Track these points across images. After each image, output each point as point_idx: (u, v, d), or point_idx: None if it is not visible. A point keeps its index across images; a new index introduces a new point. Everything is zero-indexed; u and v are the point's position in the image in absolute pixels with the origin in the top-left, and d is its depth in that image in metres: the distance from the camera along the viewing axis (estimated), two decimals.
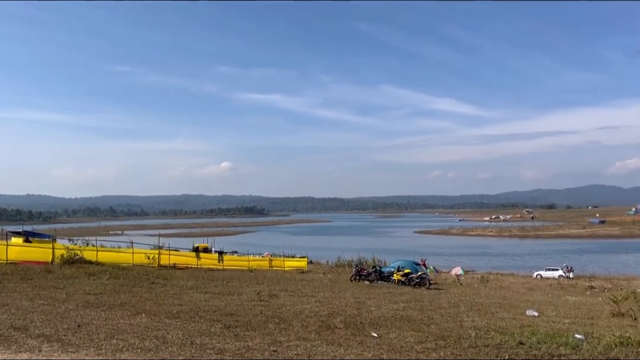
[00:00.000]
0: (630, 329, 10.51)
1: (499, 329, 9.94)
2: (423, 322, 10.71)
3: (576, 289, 29.60)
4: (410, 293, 19.30)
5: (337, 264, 42.75)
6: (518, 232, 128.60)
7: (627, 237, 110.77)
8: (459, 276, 38.46)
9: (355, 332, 9.00)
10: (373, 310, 12.56)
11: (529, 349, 8.09)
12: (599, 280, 39.15)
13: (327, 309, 12.25)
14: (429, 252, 77.02)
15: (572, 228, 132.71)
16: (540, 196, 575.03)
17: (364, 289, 20.43)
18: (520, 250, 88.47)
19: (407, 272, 24.97)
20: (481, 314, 12.97)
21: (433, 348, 7.88)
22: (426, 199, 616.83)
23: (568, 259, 63.60)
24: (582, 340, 8.88)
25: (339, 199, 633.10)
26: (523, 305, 16.19)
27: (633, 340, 8.60)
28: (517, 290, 27.10)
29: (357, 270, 26.41)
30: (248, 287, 16.98)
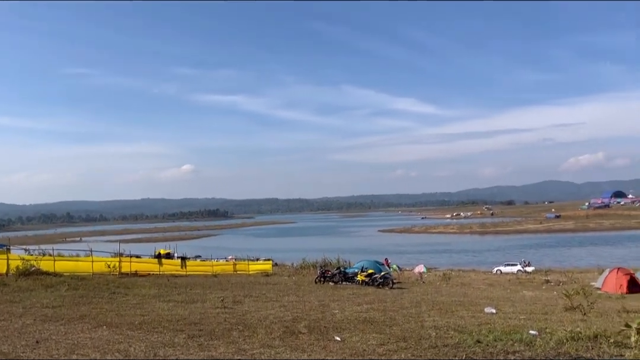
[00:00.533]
0: (581, 323, 11.01)
1: (458, 328, 10.24)
2: (385, 324, 10.92)
3: (533, 284, 30.61)
4: (374, 294, 19.58)
5: (301, 266, 42.83)
6: (478, 229, 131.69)
7: (581, 230, 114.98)
8: (421, 274, 39.17)
9: (319, 336, 9.12)
10: (337, 313, 12.72)
11: (486, 347, 8.39)
12: (555, 274, 40.55)
13: (291, 313, 12.34)
14: (392, 250, 78.08)
15: (529, 223, 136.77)
16: (499, 193, 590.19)
17: (329, 290, 20.61)
18: (480, 246, 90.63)
19: (370, 273, 25.29)
20: (442, 313, 13.31)
21: (394, 350, 8.08)
22: (389, 198, 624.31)
23: (526, 254, 65.55)
24: (535, 336, 9.26)
25: (303, 200, 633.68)
26: (482, 302, 16.68)
27: (583, 334, 9.01)
28: (478, 286, 27.84)
29: (321, 272, 26.59)
30: (212, 294, 16.89)
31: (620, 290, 22.33)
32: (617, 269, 25.01)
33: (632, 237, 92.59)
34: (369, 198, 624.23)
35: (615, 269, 25.14)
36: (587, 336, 8.98)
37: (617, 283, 23.11)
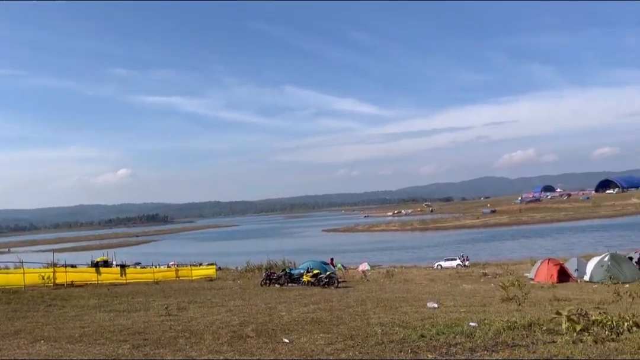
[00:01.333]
0: (517, 313, 11.59)
1: (403, 324, 10.54)
2: (332, 323, 11.07)
3: (472, 277, 31.77)
4: (320, 294, 19.75)
5: (246, 269, 42.49)
6: (419, 225, 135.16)
7: (515, 224, 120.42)
8: (365, 272, 39.76)
9: (267, 339, 9.13)
10: (284, 315, 12.75)
11: (429, 341, 8.69)
12: (492, 266, 42.30)
13: (238, 317, 12.26)
14: (336, 250, 78.82)
15: (467, 219, 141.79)
16: (438, 190, 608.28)
17: (275, 293, 20.60)
18: (421, 242, 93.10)
19: (316, 273, 25.48)
20: (387, 309, 13.62)
21: (342, 349, 8.22)
22: (332, 198, 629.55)
23: (464, 249, 67.96)
24: (475, 328, 9.68)
25: (246, 202, 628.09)
26: (425, 297, 17.19)
27: (519, 324, 9.52)
28: (420, 282, 28.59)
29: (267, 275, 26.54)
30: (155, 302, 16.50)
31: (551, 280, 23.60)
32: (548, 260, 26.43)
33: (560, 229, 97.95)
34: (312, 198, 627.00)
35: (546, 260, 26.55)
36: (522, 325, 9.49)
37: (548, 273, 24.42)
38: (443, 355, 7.71)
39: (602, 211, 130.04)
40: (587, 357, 7.27)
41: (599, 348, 7.72)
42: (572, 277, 24.72)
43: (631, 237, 70.45)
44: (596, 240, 70.41)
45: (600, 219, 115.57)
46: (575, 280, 24.37)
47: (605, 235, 77.71)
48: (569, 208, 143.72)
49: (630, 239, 67.37)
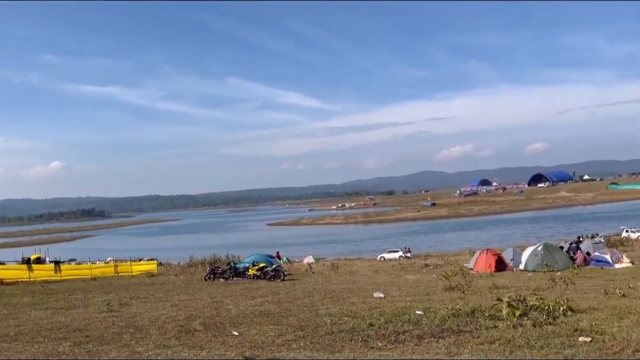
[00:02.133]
0: (460, 301, 11.98)
1: (351, 314, 10.66)
2: (281, 315, 11.05)
3: (414, 268, 32.61)
4: (267, 287, 19.67)
5: (189, 264, 41.60)
6: (362, 219, 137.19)
7: (453, 217, 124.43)
8: (310, 265, 39.97)
9: (216, 333, 9.00)
10: (231, 308, 12.61)
11: (378, 329, 8.84)
12: (433, 257, 43.55)
13: (184, 312, 12.01)
14: (282, 243, 78.72)
15: (408, 212, 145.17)
16: (380, 183, 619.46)
17: (220, 287, 20.33)
18: (365, 235, 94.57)
19: (262, 266, 25.33)
20: (334, 300, 13.74)
21: (293, 339, 8.22)
22: (277, 191, 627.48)
23: (406, 240, 69.54)
24: (421, 316, 9.94)
25: (188, 196, 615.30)
26: (370, 288, 17.46)
27: (462, 311, 9.85)
28: (364, 273, 29.04)
29: (211, 269, 26.12)
30: (95, 298, 15.90)
31: (489, 269, 24.60)
32: (487, 250, 27.52)
33: (496, 221, 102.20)
34: (256, 192, 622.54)
35: (484, 250, 27.63)
36: (466, 312, 9.83)
37: (487, 263, 25.43)
38: (392, 343, 7.86)
39: (534, 204, 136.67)
40: (527, 340, 7.61)
41: (538, 331, 8.11)
42: (509, 266, 25.86)
43: (559, 228, 74.57)
44: (528, 231, 73.91)
45: (533, 211, 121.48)
46: (512, 269, 25.51)
47: (536, 226, 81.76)
48: (504, 201, 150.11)
49: (558, 230, 71.31)
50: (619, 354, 6.68)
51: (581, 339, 7.55)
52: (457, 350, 7.30)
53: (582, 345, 7.19)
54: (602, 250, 26.17)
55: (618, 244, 38.21)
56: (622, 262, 23.64)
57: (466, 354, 7.05)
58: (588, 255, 25.96)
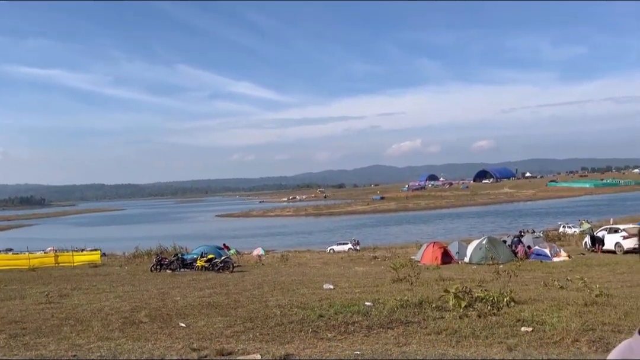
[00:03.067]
0: (408, 292, 12.19)
1: (301, 305, 10.64)
2: (230, 307, 10.89)
3: (363, 260, 32.95)
4: (215, 278, 19.37)
5: (134, 255, 40.47)
6: (313, 211, 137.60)
7: (402, 210, 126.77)
8: (260, 256, 39.70)
9: (162, 324, 8.76)
10: (178, 300, 12.33)
11: (328, 320, 8.86)
12: (381, 250, 44.16)
13: (129, 303, 11.64)
14: (231, 235, 77.88)
15: (358, 205, 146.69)
16: (331, 176, 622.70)
17: (167, 278, 19.87)
18: (315, 227, 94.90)
19: (210, 258, 24.93)
20: (284, 292, 13.69)
21: (242, 331, 8.11)
22: (227, 182, 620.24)
23: (355, 233, 70.30)
24: (371, 307, 10.04)
25: (133, 185, 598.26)
26: (320, 279, 17.51)
27: (411, 302, 10.02)
28: (314, 265, 29.12)
29: (157, 260, 25.47)
30: (32, 289, 15.18)
31: (435, 262, 25.16)
32: (433, 243, 28.14)
33: (441, 215, 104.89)
34: (205, 183, 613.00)
35: (431, 243, 28.25)
36: (414, 303, 10.01)
37: (433, 255, 26.01)
38: (342, 334, 7.89)
39: (478, 199, 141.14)
40: (472, 330, 7.82)
41: (483, 322, 8.34)
42: (454, 259, 26.55)
43: (501, 223, 77.30)
44: (471, 225, 76.19)
45: (477, 206, 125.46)
46: (457, 261, 26.21)
47: (479, 221, 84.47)
48: (450, 196, 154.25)
49: (500, 224, 73.90)
50: (559, 343, 6.95)
51: (523, 329, 7.82)
52: (405, 340, 7.41)
53: (524, 335, 7.45)
54: (541, 245, 27.30)
55: (556, 238, 39.96)
56: (560, 255, 24.73)
57: (414, 344, 7.16)
58: (529, 249, 27.03)
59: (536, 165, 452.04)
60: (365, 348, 6.97)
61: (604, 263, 21.48)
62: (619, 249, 26.38)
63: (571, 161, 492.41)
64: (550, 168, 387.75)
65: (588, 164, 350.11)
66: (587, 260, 23.97)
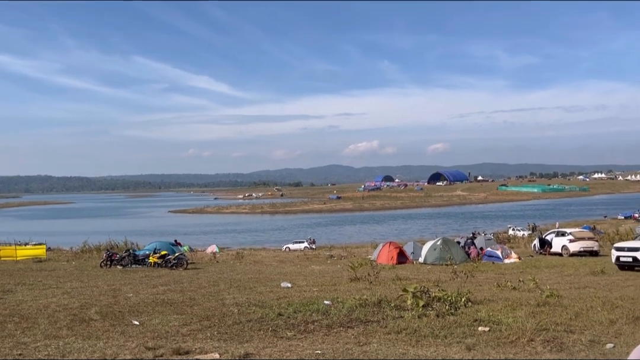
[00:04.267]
0: (366, 291, 12.21)
1: (259, 303, 10.46)
2: (185, 304, 10.60)
3: (319, 259, 32.98)
4: (169, 275, 18.90)
5: (83, 250, 39.11)
6: (269, 209, 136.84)
7: (358, 210, 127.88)
8: (214, 254, 39.11)
9: (114, 322, 8.41)
10: (131, 296, 11.91)
11: (287, 319, 8.74)
12: (337, 249, 44.34)
13: (77, 300, 11.15)
14: (185, 231, 76.51)
15: (314, 204, 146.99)
16: (288, 174, 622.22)
17: (118, 274, 19.23)
18: (271, 225, 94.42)
19: (164, 254, 24.33)
20: (241, 290, 13.46)
21: (199, 329, 7.88)
22: (181, 178, 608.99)
23: (311, 232, 70.39)
24: (330, 306, 9.97)
25: (83, 178, 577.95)
26: (277, 277, 17.35)
27: (370, 301, 10.01)
28: (270, 263, 28.91)
29: (107, 255, 24.64)
30: None
31: (391, 262, 25.43)
32: (389, 243, 28.45)
33: (396, 215, 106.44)
34: (159, 177, 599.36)
35: (387, 243, 28.54)
36: (373, 302, 10.01)
37: (389, 255, 26.28)
38: (302, 333, 7.79)
39: (432, 201, 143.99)
40: (431, 330, 7.87)
41: (441, 321, 8.42)
42: (409, 259, 26.93)
43: (452, 225, 79.10)
44: (423, 227, 77.66)
45: (431, 207, 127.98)
46: (412, 261, 26.59)
47: (431, 222, 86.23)
48: (405, 197, 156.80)
49: (451, 226, 75.62)
50: (515, 343, 7.08)
51: (480, 328, 7.93)
52: (365, 339, 7.37)
53: (481, 335, 7.55)
54: (493, 246, 28.07)
55: (506, 240, 41.23)
56: (511, 257, 25.49)
57: (375, 344, 7.13)
58: (481, 251, 27.74)
59: (488, 169, 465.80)
60: (326, 347, 6.88)
61: (552, 265, 22.25)
62: (566, 252, 27.44)
63: (521, 166, 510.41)
64: (501, 172, 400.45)
65: (536, 169, 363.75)
66: (536, 262, 24.78)
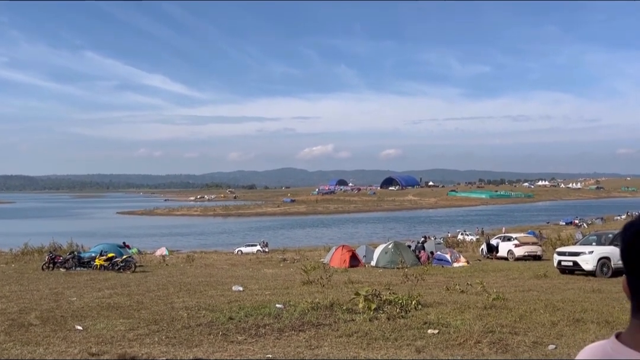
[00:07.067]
0: (319, 294, 12.21)
1: (209, 307, 10.28)
2: (132, 308, 10.29)
3: (272, 262, 32.76)
4: (115, 278, 18.29)
5: (23, 252, 37.32)
6: (222, 211, 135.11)
7: (311, 213, 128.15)
8: (164, 256, 38.22)
9: (55, 327, 8.06)
10: (74, 300, 11.46)
11: (238, 322, 8.62)
12: (290, 252, 44.20)
13: (16, 304, 10.63)
14: (133, 233, 74.41)
15: (268, 207, 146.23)
16: (242, 177, 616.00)
17: (61, 277, 18.47)
18: (223, 228, 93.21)
19: (111, 257, 23.54)
20: (191, 293, 13.19)
21: (146, 334, 7.66)
22: (130, 178, 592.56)
23: (264, 235, 69.94)
24: (281, 309, 9.91)
25: (26, 177, 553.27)
26: (228, 281, 17.10)
27: (322, 304, 10.02)
28: (222, 266, 28.48)
29: (50, 257, 23.62)
30: None
31: (344, 265, 25.55)
32: (342, 246, 28.58)
33: (349, 219, 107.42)
34: (107, 177, 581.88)
35: (340, 247, 28.67)
36: (325, 305, 10.02)
37: (342, 258, 26.41)
38: (253, 337, 7.70)
39: (384, 205, 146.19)
40: (382, 332, 7.94)
41: (392, 324, 8.52)
42: (361, 262, 27.15)
43: (400, 229, 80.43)
44: (372, 231, 78.65)
45: (383, 211, 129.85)
46: (364, 265, 26.82)
47: (380, 226, 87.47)
48: (358, 201, 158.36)
49: (399, 231, 76.86)
50: (463, 345, 7.24)
51: (430, 331, 8.07)
52: (317, 343, 7.36)
53: (431, 337, 7.69)
54: (442, 250, 28.70)
55: (455, 245, 42.24)
56: (460, 261, 26.11)
57: (326, 347, 7.13)
58: (431, 254, 28.30)
59: (439, 175, 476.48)
60: (277, 351, 6.83)
61: (499, 269, 22.95)
62: (511, 256, 28.39)
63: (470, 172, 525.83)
64: (451, 178, 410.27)
65: (485, 176, 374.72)
66: (483, 265, 25.51)
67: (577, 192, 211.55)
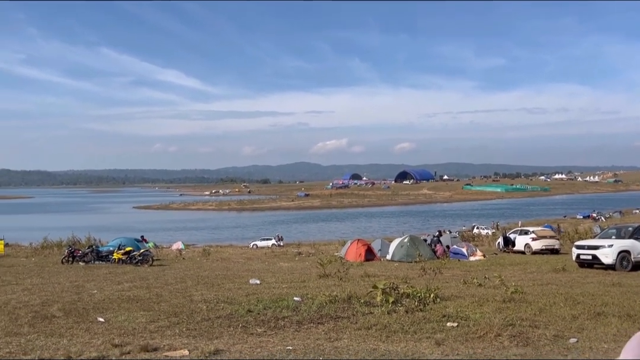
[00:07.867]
0: (336, 288, 12.22)
1: (228, 300, 10.36)
2: (152, 301, 10.40)
3: (287, 256, 32.88)
4: (134, 272, 18.51)
5: (43, 245, 37.91)
6: (236, 206, 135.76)
7: (325, 207, 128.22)
8: (180, 250, 38.57)
9: (78, 319, 8.18)
10: (95, 293, 11.62)
11: (257, 315, 8.67)
12: (305, 246, 44.35)
13: (39, 297, 10.81)
14: (149, 227, 75.13)
15: (282, 201, 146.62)
16: (256, 171, 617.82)
17: (81, 271, 18.73)
18: (238, 222, 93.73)
19: (128, 250, 23.82)
20: (208, 287, 13.29)
21: (167, 326, 7.74)
22: (146, 173, 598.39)
23: (279, 229, 70.17)
24: (299, 302, 9.95)
25: (44, 172, 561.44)
26: (245, 274, 17.21)
27: (339, 297, 10.03)
28: (237, 260, 28.66)
29: (69, 251, 23.97)
30: None
31: (359, 259, 25.56)
32: (357, 240, 28.57)
33: (363, 213, 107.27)
34: (123, 172, 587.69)
35: (355, 240, 28.66)
36: (343, 298, 10.03)
37: (357, 252, 26.41)
38: (272, 329, 7.74)
39: (399, 199, 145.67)
40: (401, 325, 7.93)
41: (410, 317, 8.50)
42: (377, 256, 27.13)
43: (414, 223, 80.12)
44: (386, 225, 78.42)
45: (397, 206, 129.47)
46: (379, 259, 26.79)
47: (394, 220, 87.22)
48: (372, 195, 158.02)
49: (413, 225, 76.57)
50: (483, 338, 7.20)
51: (449, 324, 8.04)
52: (336, 335, 7.38)
53: (450, 330, 7.66)
54: (459, 244, 28.54)
55: (470, 239, 41.98)
56: (476, 255, 25.95)
57: (345, 339, 7.14)
58: (447, 248, 28.16)
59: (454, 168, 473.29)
60: (297, 343, 6.86)
61: (516, 263, 22.77)
62: (528, 250, 28.13)
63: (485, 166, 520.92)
64: (466, 172, 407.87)
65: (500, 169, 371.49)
66: (500, 259, 25.32)
67: (595, 185, 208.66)
